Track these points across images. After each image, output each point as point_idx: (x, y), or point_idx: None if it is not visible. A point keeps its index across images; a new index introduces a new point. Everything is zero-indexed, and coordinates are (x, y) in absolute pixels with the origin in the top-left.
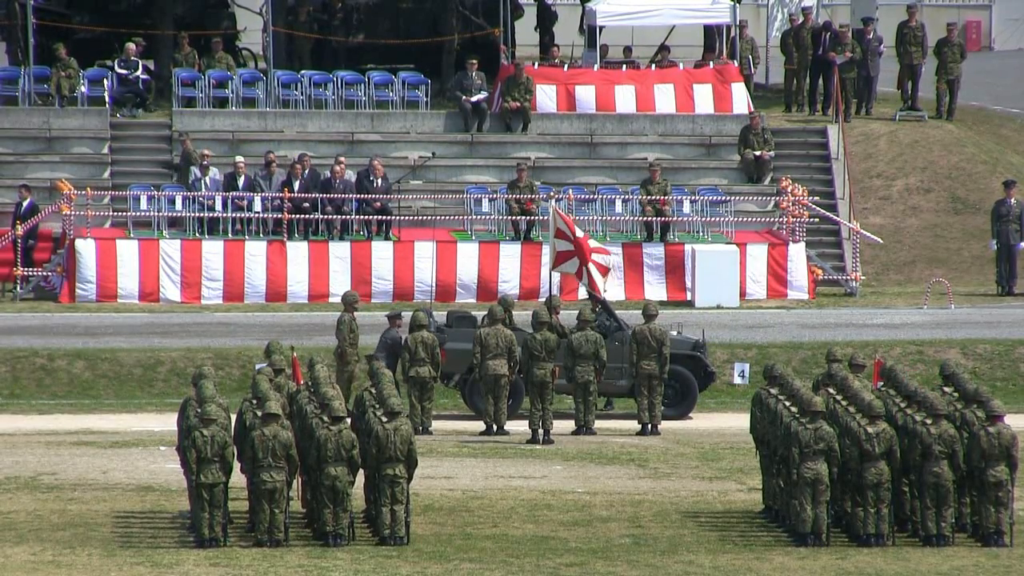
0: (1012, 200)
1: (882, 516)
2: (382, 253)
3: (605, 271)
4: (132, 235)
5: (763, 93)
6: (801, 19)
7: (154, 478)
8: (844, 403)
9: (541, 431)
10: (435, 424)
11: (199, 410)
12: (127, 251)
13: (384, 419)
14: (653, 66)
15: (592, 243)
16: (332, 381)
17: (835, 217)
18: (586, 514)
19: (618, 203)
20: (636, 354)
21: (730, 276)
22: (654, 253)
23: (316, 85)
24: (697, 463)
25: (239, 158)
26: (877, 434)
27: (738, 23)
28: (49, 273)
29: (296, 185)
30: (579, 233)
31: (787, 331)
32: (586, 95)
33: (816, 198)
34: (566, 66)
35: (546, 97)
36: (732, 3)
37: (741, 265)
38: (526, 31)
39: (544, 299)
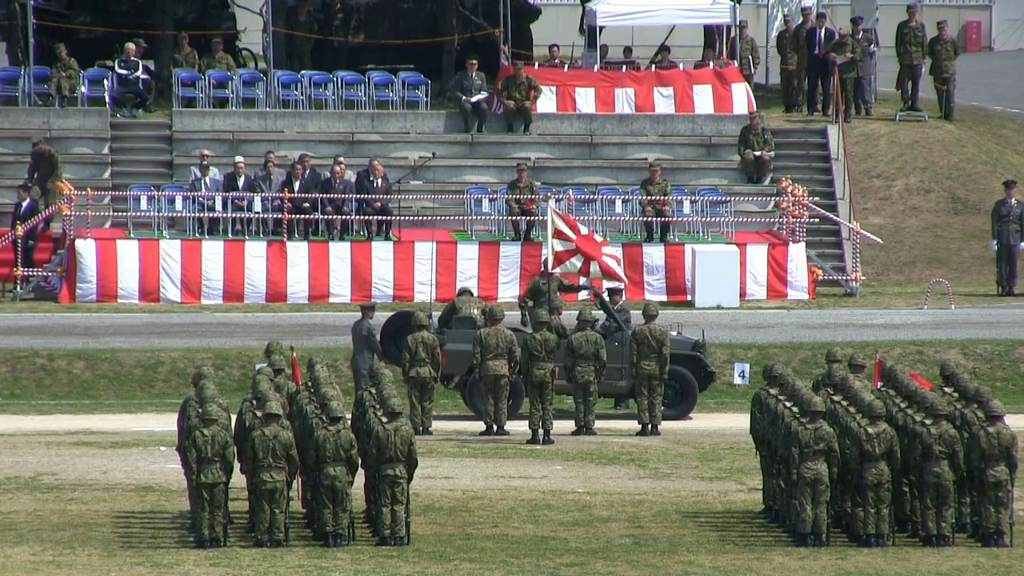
0: (1012, 200)
1: (882, 516)
2: (382, 253)
3: (618, 261)
4: (132, 235)
5: (763, 93)
6: (800, 19)
7: (154, 478)
8: (844, 403)
9: (541, 431)
10: (435, 424)
11: (200, 410)
12: (127, 251)
13: (384, 419)
14: (653, 66)
15: (598, 238)
16: (332, 381)
17: (835, 217)
18: (586, 514)
19: (618, 203)
20: (636, 354)
21: (730, 276)
22: (654, 253)
23: (316, 85)
24: (697, 463)
25: (239, 158)
26: (877, 434)
27: (738, 23)
28: (49, 273)
29: (296, 185)
30: (583, 231)
31: (787, 331)
32: (586, 95)
33: (816, 198)
34: (566, 66)
35: (546, 97)
36: (732, 3)
37: (741, 265)
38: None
39: (537, 277)
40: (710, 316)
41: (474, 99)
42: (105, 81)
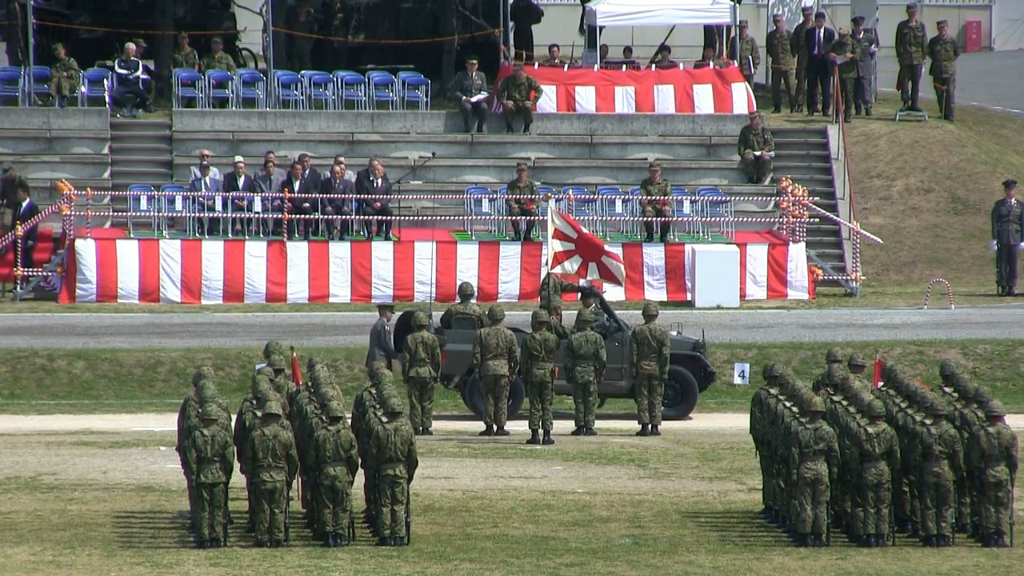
0: (1012, 200)
1: (882, 516)
2: (382, 253)
3: (618, 260)
4: (132, 235)
5: (763, 93)
6: (800, 19)
7: (154, 478)
8: (844, 403)
9: (541, 431)
10: (435, 424)
11: (199, 410)
12: (127, 251)
13: (384, 419)
14: (653, 66)
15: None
16: (332, 381)
17: (835, 217)
18: (586, 514)
19: (618, 203)
20: (636, 354)
21: (730, 276)
22: (654, 253)
23: (316, 85)
24: (697, 463)
25: (239, 158)
26: (877, 434)
27: (738, 23)
28: (49, 273)
29: (296, 185)
30: (584, 231)
31: (787, 331)
32: (586, 95)
33: (816, 198)
34: (566, 66)
35: (546, 97)
36: (732, 3)
37: (741, 265)
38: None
39: (543, 279)
40: (710, 316)
41: (474, 99)
42: (105, 81)
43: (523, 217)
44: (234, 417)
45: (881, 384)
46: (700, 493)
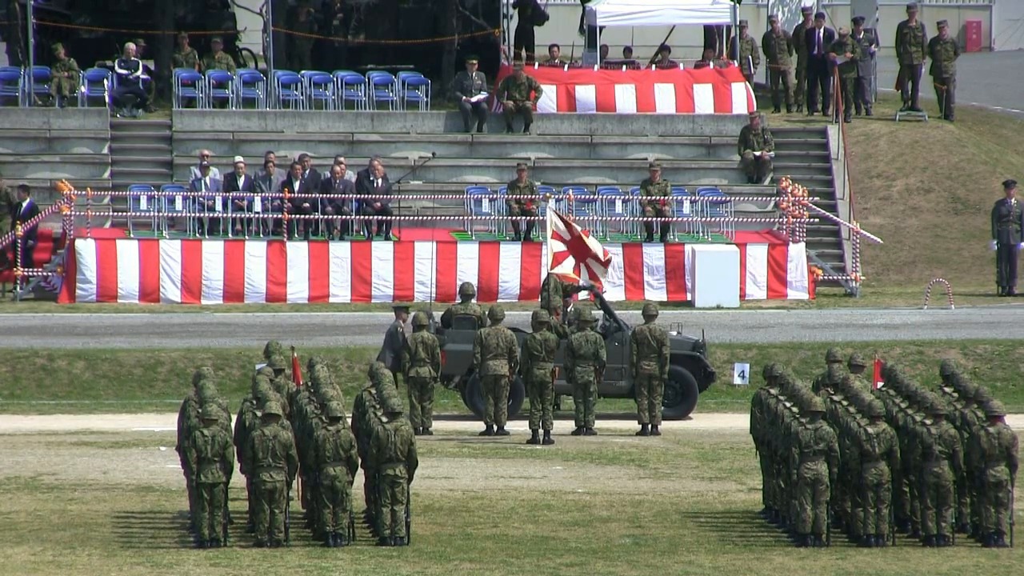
0: (1012, 200)
1: (882, 516)
2: (382, 253)
3: (606, 264)
4: (132, 235)
5: (763, 93)
6: (800, 19)
7: (154, 478)
8: (844, 403)
9: (541, 431)
10: (435, 424)
11: (200, 410)
12: (127, 251)
13: (384, 419)
14: (653, 66)
15: (591, 242)
16: (332, 381)
17: (835, 217)
18: (586, 514)
19: (618, 203)
20: (636, 354)
21: (730, 276)
22: (654, 253)
23: (316, 85)
24: (697, 463)
25: (239, 158)
26: (877, 434)
27: (738, 23)
28: (49, 273)
29: (296, 185)
30: (577, 230)
31: (787, 331)
32: (586, 95)
33: (816, 198)
34: (566, 66)
35: (546, 97)
36: (732, 3)
37: (741, 265)
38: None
39: (543, 280)
40: (710, 316)
41: (474, 99)
42: (105, 81)
43: (523, 217)
44: (234, 417)
45: (881, 384)
46: (700, 493)
